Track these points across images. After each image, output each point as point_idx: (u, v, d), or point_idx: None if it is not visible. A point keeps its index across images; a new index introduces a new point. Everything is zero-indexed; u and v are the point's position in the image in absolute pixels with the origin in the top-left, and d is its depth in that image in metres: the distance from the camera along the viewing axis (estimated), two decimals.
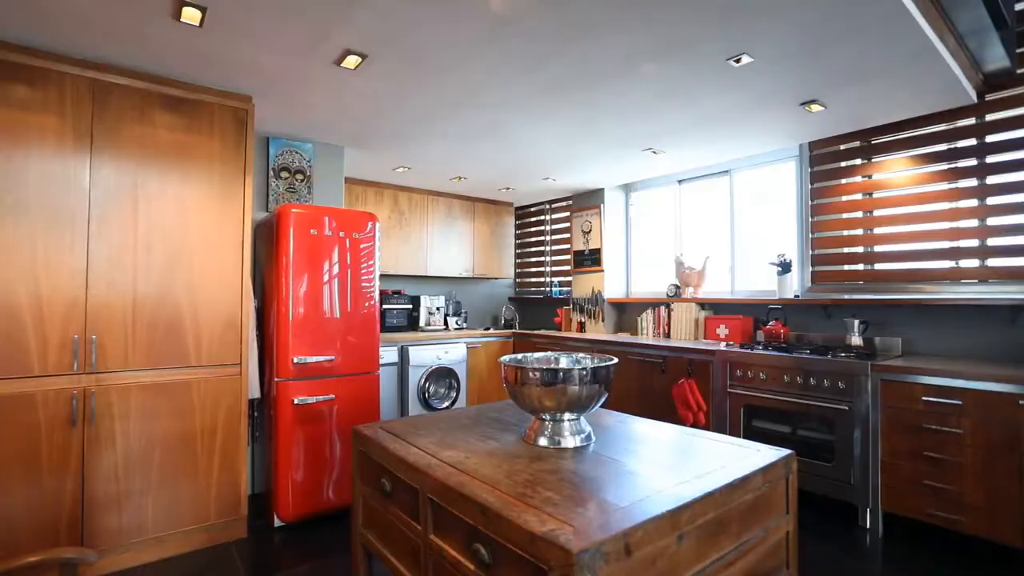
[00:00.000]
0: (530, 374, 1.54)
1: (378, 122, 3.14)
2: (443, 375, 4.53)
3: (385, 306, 4.65)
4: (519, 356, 1.80)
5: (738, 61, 2.30)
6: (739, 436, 3.25)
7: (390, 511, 1.57)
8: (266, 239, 2.96)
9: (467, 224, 5.28)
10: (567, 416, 1.62)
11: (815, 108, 2.85)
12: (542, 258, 5.84)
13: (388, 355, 4.23)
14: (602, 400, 1.62)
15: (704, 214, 4.42)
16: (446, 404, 4.49)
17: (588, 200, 5.05)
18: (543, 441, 1.61)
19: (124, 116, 2.31)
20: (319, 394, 2.81)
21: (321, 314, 2.87)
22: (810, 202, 3.58)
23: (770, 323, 3.54)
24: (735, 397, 3.28)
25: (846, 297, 3.32)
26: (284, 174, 3.37)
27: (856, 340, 3.10)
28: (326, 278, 2.90)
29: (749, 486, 1.36)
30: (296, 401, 2.71)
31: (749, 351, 3.22)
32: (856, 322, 3.10)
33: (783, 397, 3.04)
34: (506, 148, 3.65)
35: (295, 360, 2.73)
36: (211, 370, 2.49)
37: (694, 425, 3.42)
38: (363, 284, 3.07)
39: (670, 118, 3.06)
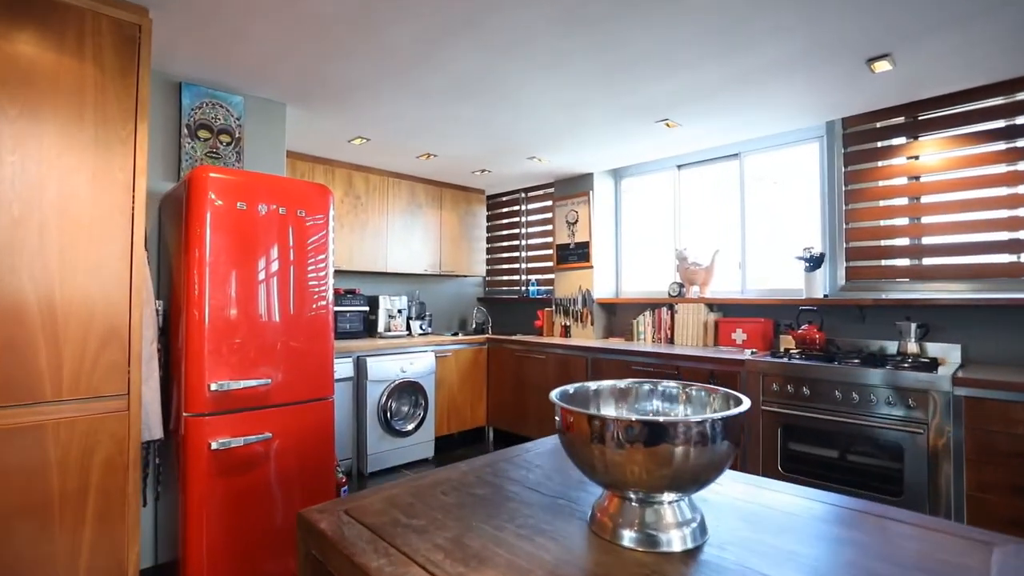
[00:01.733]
0: (612, 428, 0.87)
1: (334, 66, 2.38)
2: (408, 390, 3.78)
3: (337, 308, 3.86)
4: (571, 390, 1.13)
5: None
6: (775, 461, 2.72)
7: None
8: (175, 217, 2.14)
9: (433, 213, 4.55)
10: (668, 496, 0.95)
11: (880, 67, 2.35)
12: (516, 253, 5.19)
13: (341, 368, 3.44)
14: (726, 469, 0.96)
15: (707, 203, 3.91)
16: (412, 426, 3.75)
17: (574, 186, 4.44)
18: (628, 538, 0.93)
19: None
20: (249, 433, 2.03)
21: (253, 320, 2.09)
22: (843, 188, 3.12)
23: (801, 327, 3.04)
24: (769, 415, 2.75)
25: (897, 296, 2.86)
26: (203, 134, 2.55)
27: (912, 347, 2.64)
28: (261, 272, 2.12)
29: None
30: (214, 445, 1.91)
31: (788, 361, 2.69)
32: (913, 326, 2.63)
33: (832, 416, 2.53)
34: (492, 113, 2.97)
35: (212, 387, 1.94)
36: (80, 405, 1.67)
37: None
38: (312, 280, 2.31)
39: (700, 76, 2.48)
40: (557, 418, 0.95)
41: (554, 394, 1.03)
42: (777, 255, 3.53)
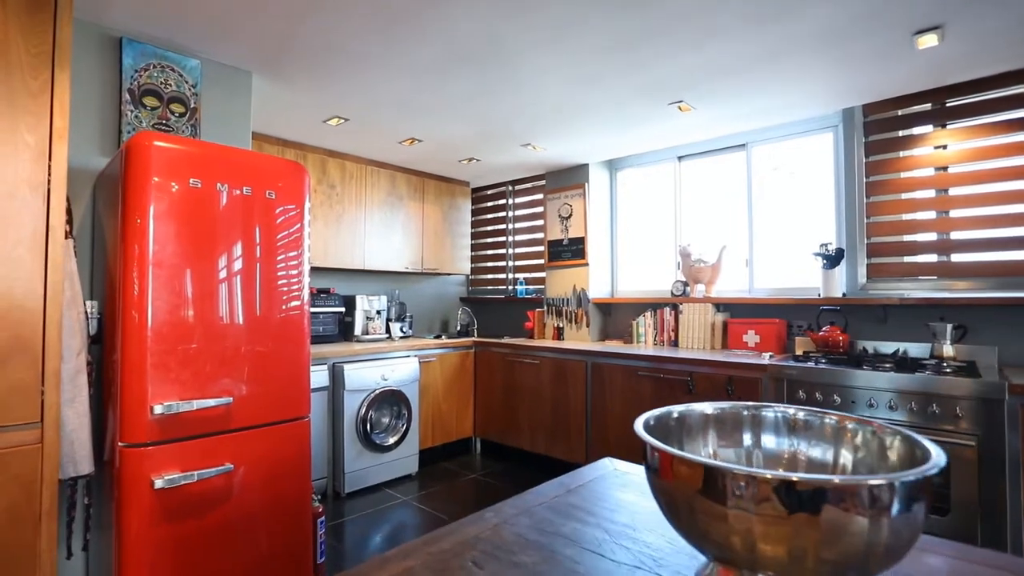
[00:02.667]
0: (742, 484, 0.56)
1: (309, 24, 2.01)
2: (389, 400, 3.42)
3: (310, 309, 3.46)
4: (660, 415, 0.81)
5: None
6: None
7: None
8: (111, 197, 1.74)
9: (415, 206, 4.18)
10: None
11: (925, 42, 2.13)
12: (503, 251, 4.86)
13: (315, 377, 3.05)
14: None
15: (711, 197, 3.68)
16: (394, 439, 3.38)
17: (568, 178, 4.15)
18: None
19: None
20: (204, 465, 1.65)
21: (210, 323, 1.71)
22: (864, 179, 2.91)
23: (822, 328, 2.82)
24: None
25: (924, 295, 2.67)
26: (150, 102, 2.13)
27: (948, 350, 2.44)
28: (221, 265, 1.74)
29: None
30: (158, 484, 1.52)
31: (815, 366, 2.46)
32: (949, 328, 2.43)
33: None
34: (489, 89, 2.65)
35: (156, 409, 1.55)
36: None
37: None
38: (284, 275, 1.94)
39: (729, 49, 2.22)
40: (650, 461, 0.63)
41: (639, 426, 0.71)
42: (787, 252, 3.31)
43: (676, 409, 0.82)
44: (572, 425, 3.40)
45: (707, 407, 0.85)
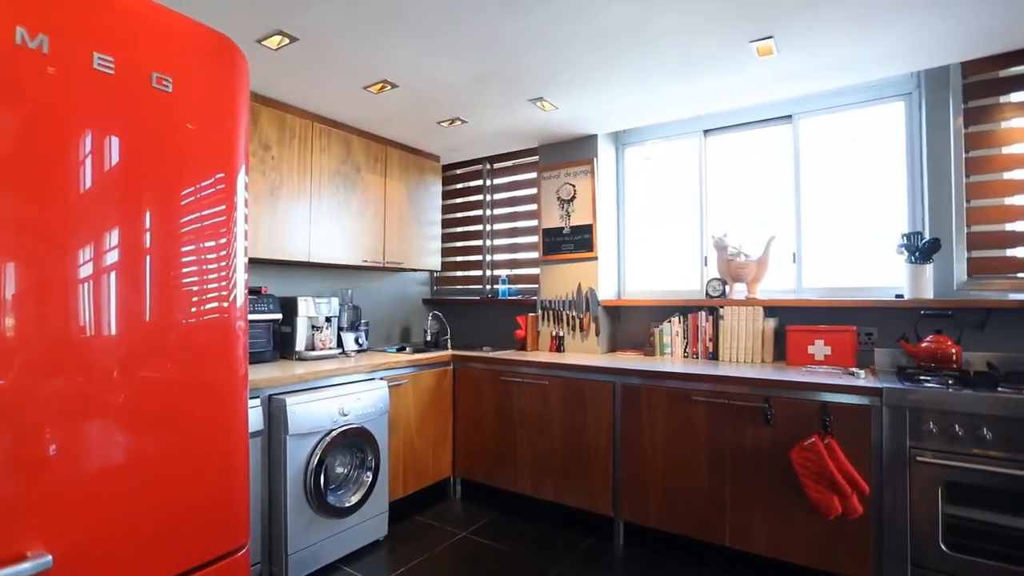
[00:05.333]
0: None
1: None
2: (350, 443, 2.48)
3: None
4: None
5: None
6: (934, 535, 1.87)
7: None
8: None
9: (375, 181, 3.24)
10: None
11: None
12: (480, 242, 4.02)
13: None
14: None
15: (743, 178, 3.06)
16: (357, 497, 2.44)
17: (571, 152, 3.38)
18: None
19: None
20: None
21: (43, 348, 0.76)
22: (964, 154, 2.38)
23: (925, 338, 2.25)
24: (923, 468, 1.89)
25: None
26: None
27: None
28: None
29: None
30: None
31: (953, 391, 1.86)
32: None
33: (1020, 471, 1.73)
34: (505, 5, 1.82)
35: None
36: None
37: (844, 515, 1.97)
38: (195, 256, 1.01)
39: None
40: None
41: None
42: (846, 244, 2.75)
43: None
44: (593, 464, 2.64)
45: None
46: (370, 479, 2.49)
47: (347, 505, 2.39)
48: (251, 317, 2.56)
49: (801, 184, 2.87)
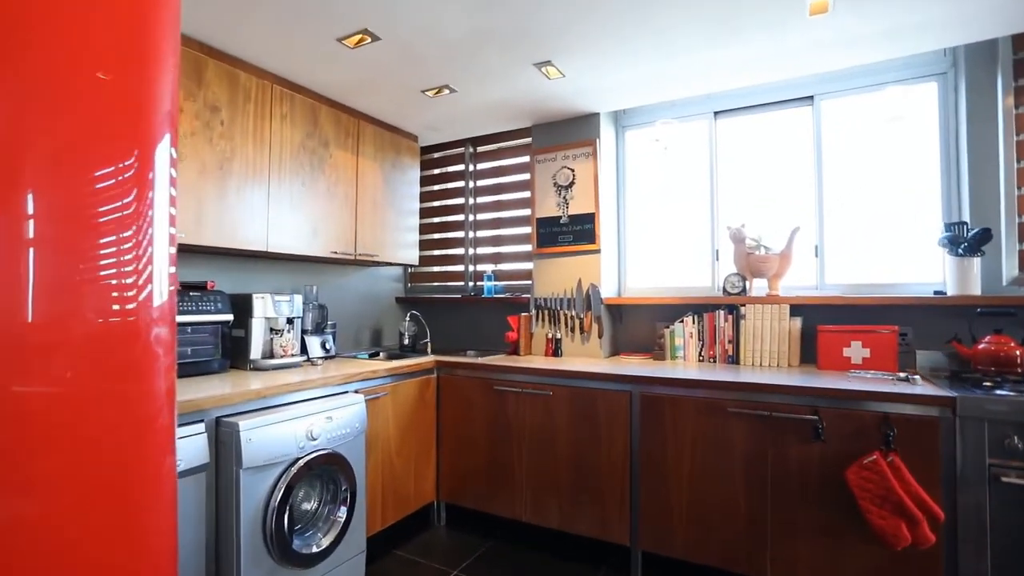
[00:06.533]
0: None
1: None
2: (321, 473, 2.03)
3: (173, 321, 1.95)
4: None
5: None
6: (1022, 568, 1.62)
7: None
8: None
9: (346, 159, 2.78)
10: None
11: None
12: (460, 233, 3.61)
13: (184, 446, 1.59)
14: None
15: (757, 164, 2.80)
16: (330, 539, 2.00)
17: (570, 132, 3.03)
18: None
19: None
20: None
21: None
22: (1015, 136, 2.18)
23: (983, 338, 2.02)
24: (1007, 490, 1.65)
25: None
26: None
27: None
28: None
29: None
30: None
31: None
32: None
33: None
34: None
35: None
36: None
37: (914, 545, 1.70)
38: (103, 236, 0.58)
39: None
40: None
41: None
42: (872, 236, 2.52)
43: None
44: (607, 486, 2.29)
45: None
46: (344, 516, 2.05)
47: (317, 550, 1.94)
48: (194, 319, 2.08)
49: (823, 172, 2.63)
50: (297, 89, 2.52)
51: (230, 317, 2.23)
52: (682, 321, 2.71)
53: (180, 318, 2.02)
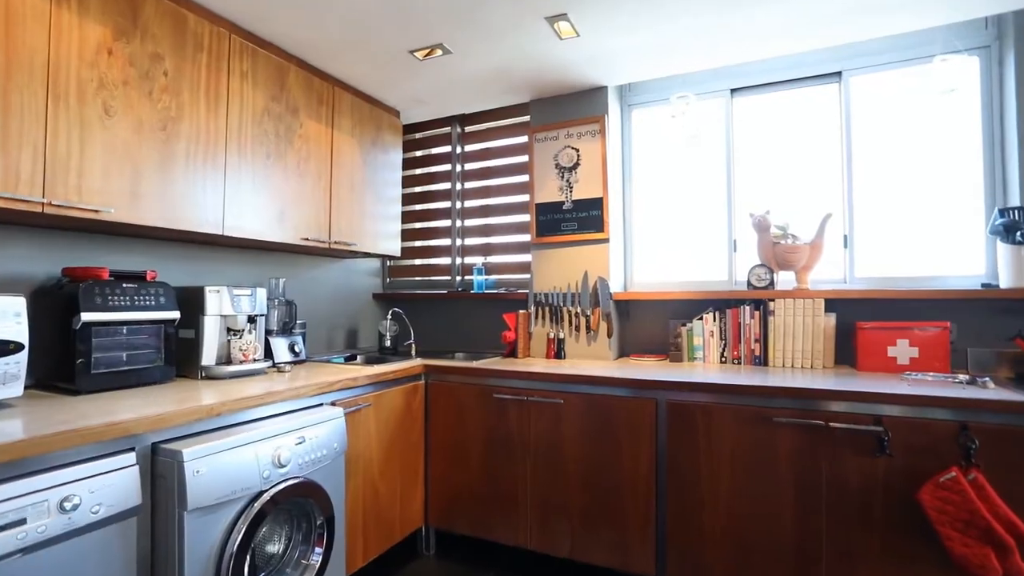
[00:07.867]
0: None
1: None
2: (291, 506, 1.64)
3: (92, 317, 1.55)
4: None
5: None
6: None
7: None
8: None
9: (319, 131, 2.39)
10: None
11: None
12: (447, 222, 3.25)
13: (102, 485, 1.19)
14: None
15: (775, 146, 2.56)
16: None
17: (574, 108, 2.71)
18: None
19: None
20: None
21: None
22: None
23: None
24: None
25: None
26: None
27: None
28: None
29: None
30: None
31: None
32: None
33: None
34: None
35: None
36: None
37: None
38: None
39: None
40: None
41: None
42: (906, 223, 2.31)
43: None
44: (629, 508, 1.98)
45: None
46: (319, 559, 1.68)
47: None
48: (128, 316, 1.66)
49: (853, 155, 2.40)
50: (261, 44, 2.11)
51: (176, 315, 1.82)
52: (701, 318, 2.44)
53: (111, 315, 1.60)
